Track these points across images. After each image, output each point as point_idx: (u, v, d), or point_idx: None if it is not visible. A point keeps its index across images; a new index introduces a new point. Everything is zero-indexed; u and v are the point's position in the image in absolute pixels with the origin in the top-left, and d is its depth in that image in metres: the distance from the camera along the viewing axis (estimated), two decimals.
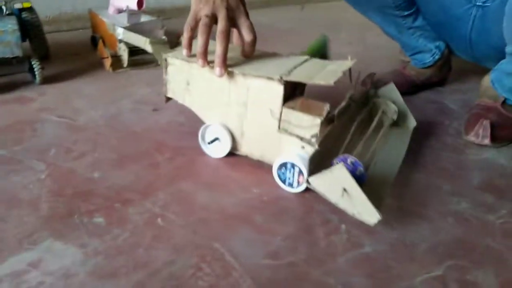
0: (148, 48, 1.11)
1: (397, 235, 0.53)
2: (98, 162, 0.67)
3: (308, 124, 0.57)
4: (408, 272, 0.47)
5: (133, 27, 1.12)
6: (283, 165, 0.59)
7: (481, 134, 0.75)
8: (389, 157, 0.66)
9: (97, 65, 1.13)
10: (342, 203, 0.52)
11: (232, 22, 0.61)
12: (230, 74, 0.61)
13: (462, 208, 0.58)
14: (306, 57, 0.66)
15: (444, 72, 1.02)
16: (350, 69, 0.63)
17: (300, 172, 0.57)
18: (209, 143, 0.68)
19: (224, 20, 0.59)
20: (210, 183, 0.63)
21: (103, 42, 1.12)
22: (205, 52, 0.60)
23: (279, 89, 0.58)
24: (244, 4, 0.64)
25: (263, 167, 0.66)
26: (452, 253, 0.50)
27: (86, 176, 0.63)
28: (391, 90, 0.76)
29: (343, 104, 0.62)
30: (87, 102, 0.90)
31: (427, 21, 0.94)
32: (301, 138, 0.58)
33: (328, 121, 0.58)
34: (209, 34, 0.59)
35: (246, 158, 0.69)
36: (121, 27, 1.11)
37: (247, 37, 0.61)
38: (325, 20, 1.94)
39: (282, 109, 0.59)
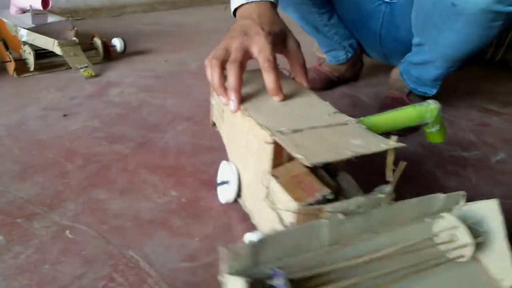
0: (57, 50, 1.04)
1: None
2: None
3: (285, 207, 0.41)
4: None
5: (39, 28, 1.05)
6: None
7: None
8: None
9: None
10: None
11: (248, 53, 0.52)
12: (244, 114, 0.49)
13: None
14: (348, 118, 0.49)
15: (357, 68, 1.08)
16: (390, 153, 0.45)
17: None
18: (218, 184, 0.57)
19: (234, 51, 0.51)
20: (126, 189, 0.60)
21: (5, 44, 1.02)
22: (221, 86, 0.51)
23: (268, 149, 0.44)
24: (268, 29, 0.54)
25: (184, 168, 0.64)
26: None
27: None
28: (487, 209, 0.41)
29: (355, 200, 0.40)
30: None
31: (341, 19, 0.98)
32: (281, 220, 0.42)
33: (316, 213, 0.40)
34: (218, 68, 0.51)
35: (166, 161, 0.67)
36: (25, 28, 1.03)
37: (260, 61, 0.51)
38: None
39: (269, 175, 0.45)
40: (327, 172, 0.46)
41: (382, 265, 0.38)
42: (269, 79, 0.51)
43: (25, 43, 1.03)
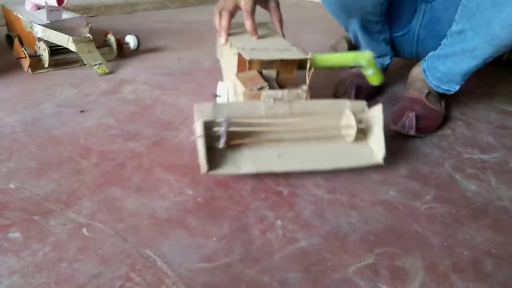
0: (72, 47, 1.04)
1: (330, 227, 0.53)
2: (14, 171, 0.61)
3: (240, 91, 0.64)
4: (341, 263, 0.48)
5: (54, 25, 1.05)
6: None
7: (407, 125, 0.78)
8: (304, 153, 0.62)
9: (14, 66, 1.04)
10: None
11: (237, 5, 0.73)
12: (230, 44, 0.71)
13: (391, 196, 0.61)
14: (295, 48, 0.70)
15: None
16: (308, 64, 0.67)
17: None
18: (215, 95, 0.74)
19: (228, 2, 0.72)
20: (141, 187, 0.59)
21: (20, 40, 1.02)
22: (224, 29, 0.73)
23: (235, 58, 0.68)
24: None
25: (199, 167, 0.64)
26: (382, 240, 0.52)
27: (0, 188, 0.57)
28: (376, 112, 0.65)
29: (281, 91, 0.63)
30: (2, 107, 0.82)
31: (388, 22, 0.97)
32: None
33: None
34: (225, 17, 0.72)
35: (181, 159, 0.67)
36: (40, 24, 1.03)
37: (243, 11, 0.73)
38: (262, 17, 1.95)
39: (234, 75, 0.67)
40: (280, 85, 0.68)
41: (296, 133, 0.63)
42: (247, 23, 0.74)
43: (40, 39, 1.03)
